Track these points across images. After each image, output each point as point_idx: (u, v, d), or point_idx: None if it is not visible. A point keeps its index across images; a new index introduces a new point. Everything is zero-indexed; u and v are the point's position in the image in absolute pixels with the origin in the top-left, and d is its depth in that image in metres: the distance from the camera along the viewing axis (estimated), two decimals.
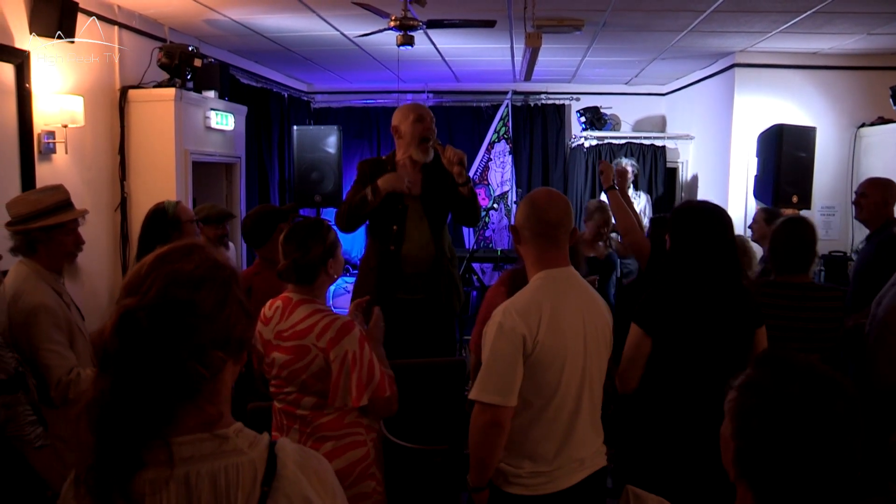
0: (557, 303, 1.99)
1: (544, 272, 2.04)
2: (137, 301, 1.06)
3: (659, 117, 8.36)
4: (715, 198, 6.50)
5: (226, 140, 5.40)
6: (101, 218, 4.50)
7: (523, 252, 2.10)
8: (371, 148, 8.59)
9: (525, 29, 4.83)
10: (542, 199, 2.07)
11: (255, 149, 6.86)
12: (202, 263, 1.11)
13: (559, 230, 2.05)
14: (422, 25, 4.25)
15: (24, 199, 2.60)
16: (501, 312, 1.97)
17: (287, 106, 7.82)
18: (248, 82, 6.80)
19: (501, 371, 1.93)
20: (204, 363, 1.07)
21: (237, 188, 5.67)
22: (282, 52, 6.34)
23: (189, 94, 4.78)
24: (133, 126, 4.68)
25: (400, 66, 6.70)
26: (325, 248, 2.27)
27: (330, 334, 2.15)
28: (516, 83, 8.13)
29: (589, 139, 7.59)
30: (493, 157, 7.99)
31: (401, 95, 8.37)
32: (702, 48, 5.97)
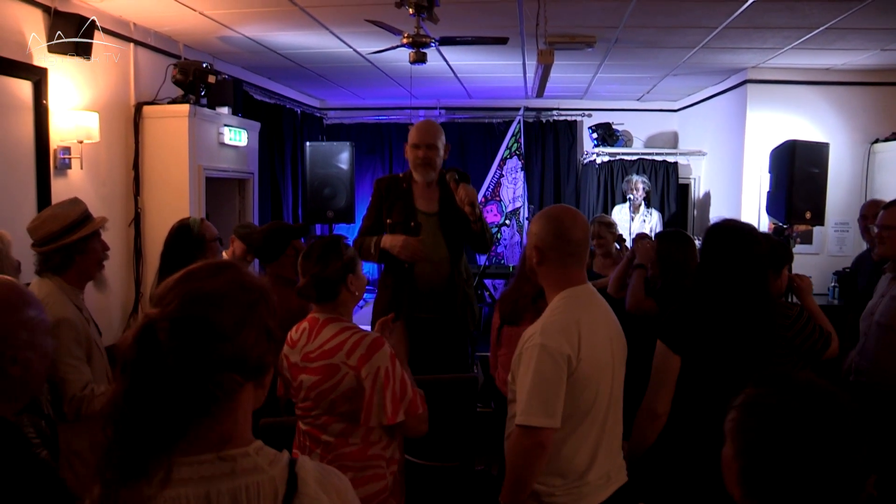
0: (588, 320, 1.99)
1: (568, 290, 2.02)
2: (159, 313, 1.07)
3: (671, 133, 8.36)
4: (728, 214, 6.39)
5: (239, 156, 5.43)
6: (116, 233, 4.51)
7: (544, 272, 2.07)
8: (383, 164, 8.62)
9: (537, 45, 4.85)
10: (566, 218, 2.05)
11: (267, 164, 6.90)
12: (227, 283, 1.11)
13: (582, 247, 2.05)
14: (434, 42, 4.27)
15: (49, 216, 2.62)
16: (540, 333, 1.93)
17: (300, 122, 7.88)
18: (261, 98, 6.86)
19: (549, 394, 1.90)
20: (217, 383, 1.06)
21: (250, 204, 5.69)
22: (295, 68, 6.38)
23: (203, 110, 4.82)
24: (147, 142, 4.72)
25: (412, 83, 6.74)
26: (344, 263, 2.24)
27: (360, 351, 2.12)
28: (528, 99, 8.15)
29: (601, 155, 7.61)
30: (505, 174, 7.97)
31: (413, 112, 8.42)
32: (714, 64, 5.96)
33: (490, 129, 8.46)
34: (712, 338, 2.32)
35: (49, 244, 2.56)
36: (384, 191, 3.52)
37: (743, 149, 6.23)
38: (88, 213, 2.68)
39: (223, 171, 5.18)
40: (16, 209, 3.66)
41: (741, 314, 2.33)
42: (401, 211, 3.46)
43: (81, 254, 2.61)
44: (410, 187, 3.50)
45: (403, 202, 3.47)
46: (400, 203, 3.47)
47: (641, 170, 7.31)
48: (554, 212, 2.09)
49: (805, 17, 4.42)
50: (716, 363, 2.31)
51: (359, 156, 7.95)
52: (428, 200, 3.49)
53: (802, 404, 1.09)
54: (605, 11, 4.40)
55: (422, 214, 3.46)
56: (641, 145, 8.15)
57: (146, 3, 4.21)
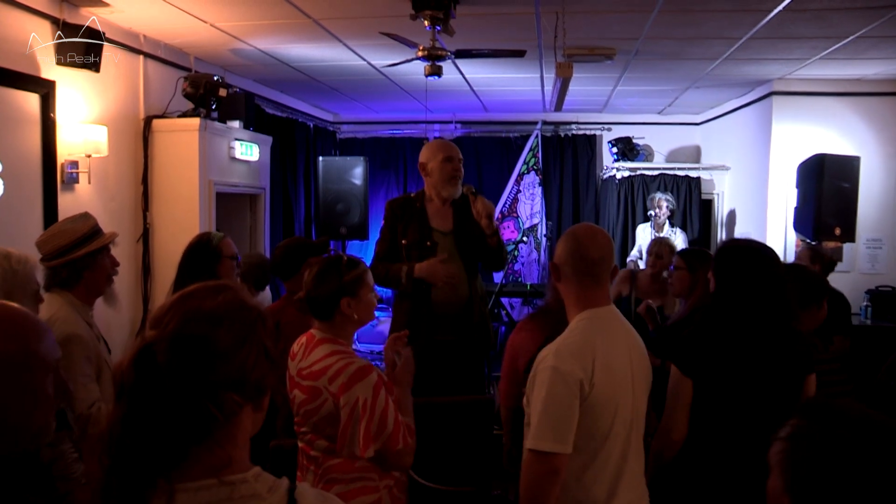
0: (607, 343, 1.97)
1: (588, 311, 2.02)
2: (157, 334, 1.07)
3: (693, 147, 8.34)
4: (753, 231, 6.43)
5: (250, 171, 5.44)
6: (123, 249, 4.42)
7: (563, 290, 2.08)
8: (398, 179, 8.64)
9: (555, 58, 4.84)
10: (583, 235, 2.06)
11: (279, 180, 6.92)
12: (226, 303, 1.12)
13: (601, 267, 2.03)
14: (450, 55, 4.28)
15: (58, 231, 2.63)
16: (553, 356, 1.92)
17: (312, 136, 7.91)
18: (273, 112, 6.87)
19: (559, 417, 1.89)
20: (217, 404, 1.07)
21: (261, 220, 5.70)
22: (307, 81, 6.40)
23: (214, 123, 4.82)
24: (157, 156, 4.73)
25: (427, 96, 6.76)
26: (341, 284, 2.23)
27: (342, 379, 2.11)
28: (546, 113, 8.15)
29: (621, 170, 7.60)
30: (523, 189, 8.00)
31: (428, 126, 8.45)
32: (738, 76, 5.92)
33: (507, 144, 8.47)
34: (727, 362, 2.29)
35: (57, 259, 2.57)
36: (398, 212, 3.53)
37: (768, 163, 6.17)
38: (98, 228, 2.69)
39: (234, 187, 5.19)
40: (22, 224, 3.67)
41: (761, 338, 2.31)
42: (416, 231, 3.47)
43: (90, 269, 2.62)
44: (424, 206, 3.52)
45: (418, 222, 3.49)
46: (415, 223, 3.49)
47: (663, 185, 7.29)
48: (575, 229, 2.11)
49: (834, 27, 4.37)
50: (732, 390, 2.28)
51: (373, 170, 7.99)
52: (442, 219, 3.50)
53: (858, 437, 1.07)
54: (624, 23, 4.38)
55: (437, 233, 3.48)
56: (663, 160, 8.15)
57: (156, 14, 4.24)
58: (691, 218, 7.27)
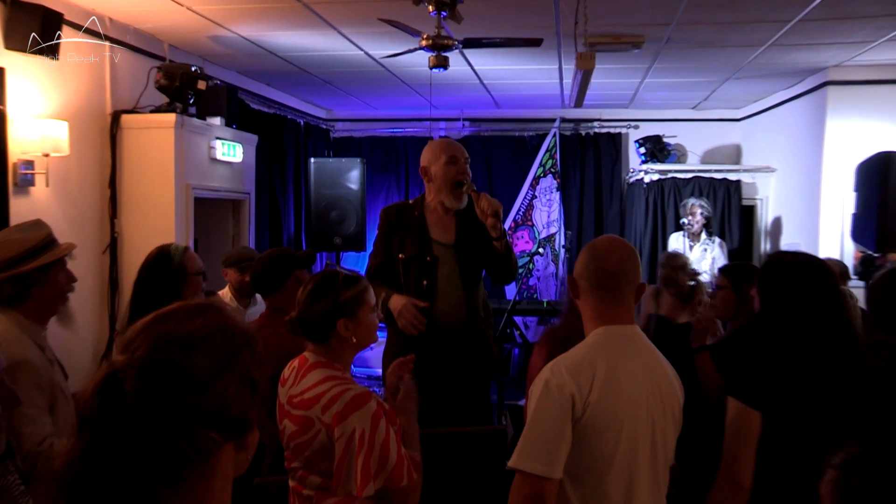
0: (615, 362, 1.98)
1: (603, 328, 2.04)
2: (125, 360, 1.06)
3: (732, 147, 8.28)
4: (803, 241, 6.38)
5: (233, 173, 5.45)
6: (87, 261, 4.48)
7: (581, 307, 2.11)
8: (399, 184, 8.66)
9: (576, 48, 4.83)
10: (602, 247, 2.10)
11: (266, 184, 6.92)
12: (207, 326, 1.11)
13: (620, 281, 2.05)
14: (457, 45, 4.31)
15: (4, 241, 2.58)
16: (549, 369, 1.97)
17: (303, 135, 7.92)
18: (259, 108, 6.87)
19: (546, 436, 1.90)
20: (192, 442, 1.05)
21: (246, 228, 5.70)
22: (298, 73, 6.39)
23: (191, 120, 4.82)
24: (126, 156, 4.71)
25: (432, 91, 6.79)
26: (337, 304, 2.23)
27: (336, 408, 2.10)
28: (565, 109, 8.14)
29: (650, 173, 7.55)
30: (539, 194, 7.99)
31: (433, 124, 8.48)
32: (786, 64, 5.86)
33: (521, 144, 8.46)
34: (795, 389, 2.29)
35: (3, 272, 2.52)
36: (394, 221, 3.54)
37: (821, 163, 6.11)
38: (52, 239, 2.64)
39: (215, 191, 5.20)
40: None
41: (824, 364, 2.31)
42: (414, 243, 3.47)
43: (39, 285, 2.57)
44: (423, 215, 3.52)
45: (417, 233, 3.48)
46: (413, 234, 3.49)
47: (697, 189, 7.23)
48: (594, 241, 2.17)
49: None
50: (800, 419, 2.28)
51: (371, 174, 8.04)
52: (444, 230, 3.50)
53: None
54: (654, 7, 4.37)
55: (438, 246, 3.47)
56: (697, 161, 8.09)
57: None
58: (730, 226, 7.20)
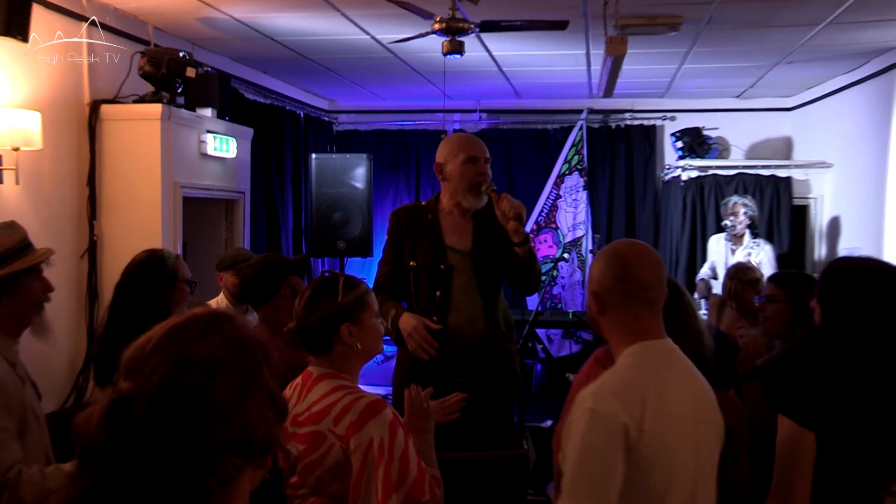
0: (662, 383, 1.96)
1: (638, 346, 2.02)
2: (136, 386, 1.07)
3: (782, 140, 8.22)
4: (864, 244, 6.30)
5: (226, 170, 5.44)
6: (63, 267, 4.44)
7: (607, 323, 2.08)
8: (409, 183, 8.66)
9: (605, 31, 4.80)
10: (631, 254, 2.08)
11: (262, 182, 6.91)
12: (225, 343, 1.13)
13: (657, 291, 2.06)
14: (474, 28, 4.28)
15: None
16: (591, 396, 1.93)
17: (303, 128, 7.91)
18: (254, 98, 6.86)
19: (596, 471, 1.87)
20: (212, 470, 1.07)
21: (240, 231, 5.68)
22: (297, 60, 6.37)
23: (180, 111, 4.80)
24: (106, 151, 4.68)
25: (446, 80, 6.71)
26: (339, 309, 2.28)
27: (351, 417, 2.14)
28: (593, 99, 8.09)
29: (688, 169, 7.50)
30: (564, 194, 7.98)
31: (447, 116, 8.44)
32: (846, 45, 5.78)
33: (544, 138, 8.45)
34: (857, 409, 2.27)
35: None
36: (405, 225, 3.55)
37: (887, 157, 6.03)
38: (27, 243, 2.63)
39: (206, 190, 5.19)
40: None
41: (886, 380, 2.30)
42: (427, 250, 3.48)
43: (11, 294, 2.56)
44: (437, 218, 3.53)
45: (430, 238, 3.49)
46: (425, 239, 3.50)
47: (742, 187, 7.16)
48: (616, 248, 2.14)
49: None
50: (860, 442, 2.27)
51: (378, 171, 7.98)
52: (460, 235, 3.51)
53: None
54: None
55: (453, 253, 3.49)
56: (742, 156, 8.06)
57: None
58: (779, 228, 7.14)
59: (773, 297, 3.35)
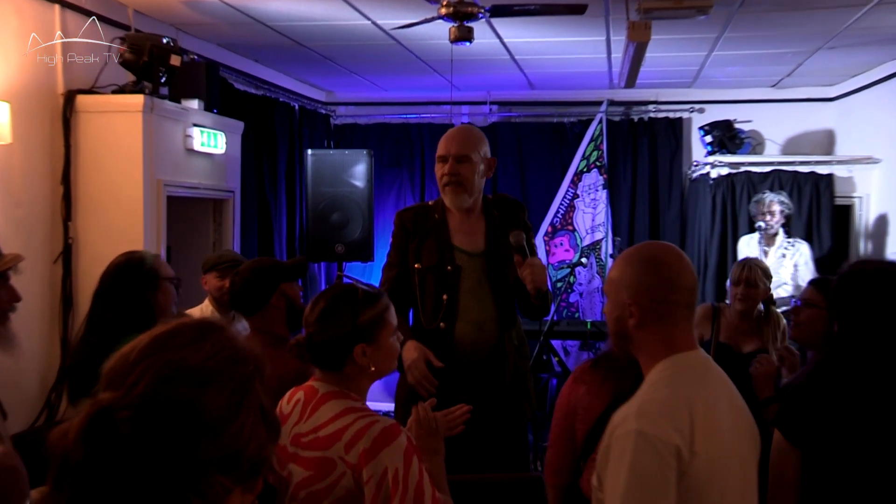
0: (704, 397, 1.99)
1: (673, 358, 2.03)
2: (119, 397, 1.08)
3: (823, 133, 8.14)
4: None
5: (214, 167, 5.45)
6: (35, 272, 4.41)
7: (644, 336, 2.08)
8: (413, 181, 8.66)
9: (627, 15, 4.79)
10: (672, 259, 2.10)
11: (254, 180, 6.91)
12: (215, 353, 1.15)
13: (694, 298, 2.08)
14: (484, 13, 4.30)
15: None
16: (636, 417, 1.93)
17: (298, 121, 7.92)
18: (244, 89, 6.86)
19: (648, 498, 1.87)
20: (199, 491, 1.08)
21: (229, 233, 5.69)
22: (292, 47, 6.38)
23: (163, 103, 4.80)
24: (83, 146, 4.67)
25: (454, 69, 6.70)
26: (356, 327, 2.29)
27: (364, 444, 2.15)
28: (614, 90, 8.08)
29: (718, 166, 7.46)
30: (581, 193, 7.95)
31: (456, 108, 8.43)
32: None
33: (560, 132, 8.41)
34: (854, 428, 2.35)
35: None
36: (410, 225, 3.62)
37: None
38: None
39: (192, 189, 5.20)
40: None
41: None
42: (432, 250, 3.54)
43: None
44: (445, 218, 3.59)
45: (436, 239, 3.56)
46: (431, 240, 3.56)
47: (778, 185, 7.12)
48: (648, 251, 2.15)
49: None
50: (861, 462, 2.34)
51: (379, 169, 8.03)
52: (469, 235, 3.57)
53: None
54: None
55: (461, 254, 3.54)
56: (778, 151, 8.01)
57: None
58: (819, 229, 7.11)
59: (811, 301, 3.38)
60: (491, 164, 3.60)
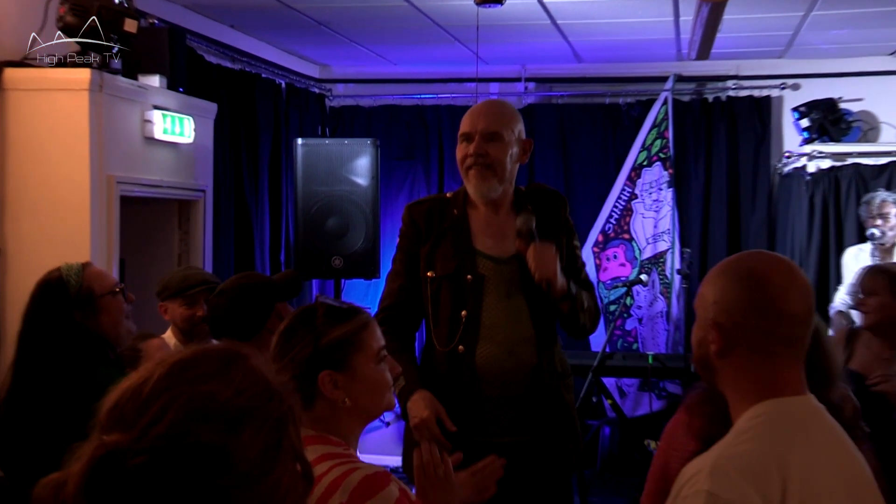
0: (806, 458, 1.95)
1: (770, 403, 2.00)
2: (132, 439, 1.10)
3: None
4: None
5: (180, 160, 5.48)
6: None
7: (729, 369, 2.07)
8: (428, 176, 8.69)
9: None
10: (776, 273, 2.06)
11: (230, 176, 6.92)
12: (248, 387, 1.19)
13: (804, 329, 2.05)
14: None
15: None
16: (709, 474, 1.90)
17: (286, 103, 7.94)
18: (218, 62, 6.86)
19: None
20: None
21: (199, 241, 5.73)
22: (278, 10, 6.41)
23: (115, 79, 4.78)
24: (13, 132, 4.68)
25: (480, 37, 6.69)
26: (317, 349, 2.30)
27: (339, 498, 2.16)
28: (682, 62, 8.10)
29: (817, 157, 7.48)
30: (641, 193, 8.01)
31: (482, 86, 8.38)
32: None
33: (614, 116, 8.41)
34: None
35: None
36: (423, 224, 3.65)
37: None
38: None
39: (152, 188, 5.23)
40: None
41: None
42: (449, 255, 3.56)
43: None
44: (466, 214, 3.63)
45: (454, 239, 3.58)
46: (448, 242, 3.59)
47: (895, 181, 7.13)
48: (753, 263, 2.13)
49: None
50: None
51: (387, 162, 7.98)
52: (496, 236, 3.60)
53: None
54: None
55: (485, 260, 3.56)
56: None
57: None
58: None
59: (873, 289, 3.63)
60: (526, 146, 3.62)
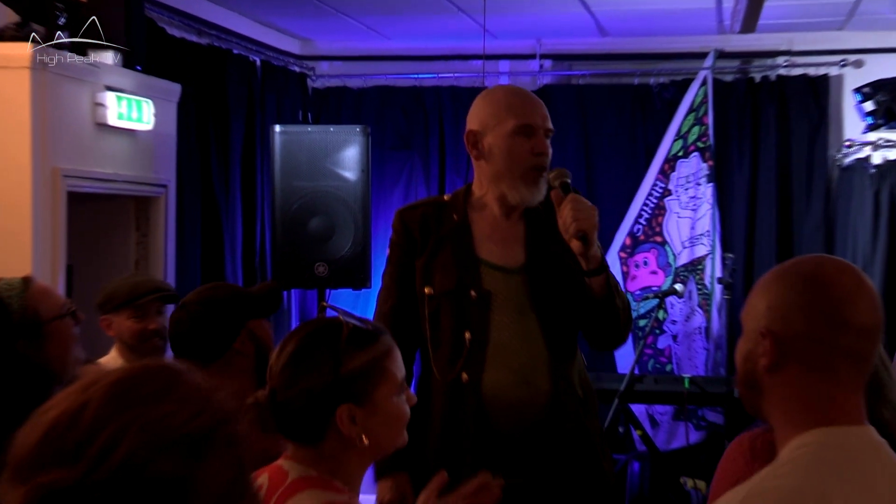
0: (855, 496, 1.95)
1: (817, 433, 2.01)
2: (77, 475, 1.10)
3: None
4: None
5: (138, 151, 5.58)
6: None
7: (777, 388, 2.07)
8: (427, 169, 8.72)
9: None
10: (840, 279, 2.06)
11: (196, 169, 6.95)
12: (202, 407, 1.20)
13: (870, 346, 2.05)
14: None
15: None
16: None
17: (261, 83, 8.02)
18: (182, 35, 6.92)
19: None
20: None
21: (160, 246, 5.84)
22: None
23: (63, 55, 4.88)
24: None
25: (488, 6, 6.77)
26: (338, 378, 2.31)
27: None
28: (725, 36, 8.23)
29: (883, 146, 7.61)
30: (676, 188, 8.02)
31: (490, 64, 8.41)
32: None
33: (643, 98, 8.46)
34: None
35: None
36: (418, 232, 3.71)
37: None
38: None
39: (105, 183, 5.35)
40: None
41: None
42: (450, 267, 3.60)
43: None
44: (468, 220, 3.67)
45: (455, 249, 3.63)
46: (448, 251, 3.63)
47: None
48: (816, 268, 2.13)
49: None
50: None
51: (379, 152, 8.09)
52: (503, 243, 3.65)
53: None
54: None
55: (492, 272, 3.61)
56: None
57: None
58: None
59: None
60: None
